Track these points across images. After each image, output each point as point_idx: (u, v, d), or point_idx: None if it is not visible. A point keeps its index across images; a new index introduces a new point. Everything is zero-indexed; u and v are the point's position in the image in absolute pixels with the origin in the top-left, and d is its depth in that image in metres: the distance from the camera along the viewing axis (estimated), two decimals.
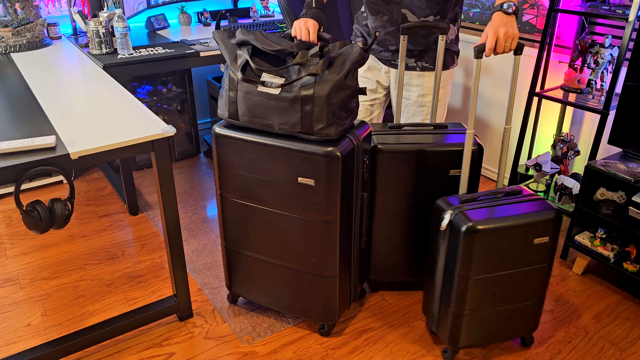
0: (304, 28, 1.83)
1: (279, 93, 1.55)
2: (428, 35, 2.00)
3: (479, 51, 1.58)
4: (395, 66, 2.10)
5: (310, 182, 1.61)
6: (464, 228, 1.55)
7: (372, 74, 2.16)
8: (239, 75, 1.58)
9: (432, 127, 1.96)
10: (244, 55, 1.59)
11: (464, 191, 1.79)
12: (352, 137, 1.65)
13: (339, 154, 1.56)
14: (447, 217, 1.61)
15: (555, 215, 1.61)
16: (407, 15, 1.96)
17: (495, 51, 1.58)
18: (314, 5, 1.89)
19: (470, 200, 1.65)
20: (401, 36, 1.91)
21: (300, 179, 1.62)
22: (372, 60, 2.14)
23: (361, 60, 1.57)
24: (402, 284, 2.15)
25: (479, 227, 1.55)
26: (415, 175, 1.87)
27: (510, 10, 1.57)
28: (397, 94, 2.02)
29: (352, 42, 1.61)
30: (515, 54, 1.64)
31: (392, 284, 2.15)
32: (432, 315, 1.79)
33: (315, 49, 1.55)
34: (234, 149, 1.69)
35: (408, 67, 2.07)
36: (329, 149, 1.56)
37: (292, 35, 1.87)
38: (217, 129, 1.70)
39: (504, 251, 1.60)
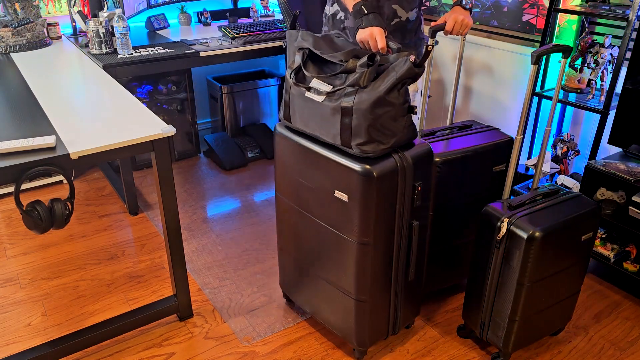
0: (371, 39, 1.66)
1: (322, 101, 1.50)
2: (413, 31, 2.02)
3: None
4: None
5: (344, 197, 1.53)
6: (525, 235, 1.54)
7: None
8: (292, 79, 1.57)
9: (457, 129, 1.96)
10: (298, 59, 1.58)
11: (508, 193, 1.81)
12: (399, 159, 1.51)
13: (374, 174, 1.45)
14: (504, 226, 1.59)
15: (596, 207, 1.67)
16: (397, 11, 1.96)
17: (450, 33, 1.90)
18: (366, 12, 1.70)
19: (520, 205, 1.65)
20: (430, 39, 1.88)
21: (336, 192, 1.56)
22: None
23: (411, 75, 1.44)
24: None
25: (540, 233, 1.54)
26: (464, 178, 1.86)
27: (467, 7, 1.92)
28: (422, 96, 2.02)
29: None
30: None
31: None
32: (479, 322, 1.77)
33: (364, 59, 1.46)
34: (288, 150, 1.68)
35: None
36: (366, 167, 1.46)
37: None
38: (279, 128, 1.70)
39: (556, 252, 1.62)
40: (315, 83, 1.52)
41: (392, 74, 1.43)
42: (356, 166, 1.47)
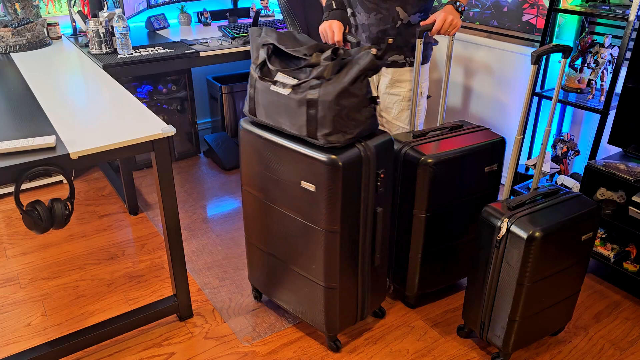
0: (329, 31, 1.83)
1: (288, 94, 1.55)
2: (415, 34, 2.02)
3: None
4: (385, 64, 2.10)
5: (311, 187, 1.58)
6: (525, 235, 1.54)
7: None
8: (257, 73, 1.61)
9: (448, 129, 1.95)
10: (262, 54, 1.62)
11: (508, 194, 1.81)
12: (362, 148, 1.57)
13: (340, 163, 1.51)
14: (504, 226, 1.59)
15: (596, 207, 1.67)
16: (400, 13, 1.98)
17: (438, 32, 1.89)
18: (334, 7, 1.88)
19: (520, 205, 1.64)
20: (417, 40, 1.91)
21: (303, 183, 1.60)
22: None
23: (373, 68, 1.51)
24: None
25: (540, 233, 1.53)
26: (456, 179, 1.85)
27: (459, 9, 1.91)
28: (412, 97, 2.02)
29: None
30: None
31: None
32: (479, 322, 1.77)
33: (328, 52, 1.52)
34: (253, 145, 1.71)
35: (398, 64, 2.07)
36: (332, 157, 1.51)
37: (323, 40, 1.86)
38: (243, 123, 1.73)
39: (556, 252, 1.61)
40: (280, 77, 1.57)
41: (356, 66, 1.50)
42: (322, 156, 1.52)
